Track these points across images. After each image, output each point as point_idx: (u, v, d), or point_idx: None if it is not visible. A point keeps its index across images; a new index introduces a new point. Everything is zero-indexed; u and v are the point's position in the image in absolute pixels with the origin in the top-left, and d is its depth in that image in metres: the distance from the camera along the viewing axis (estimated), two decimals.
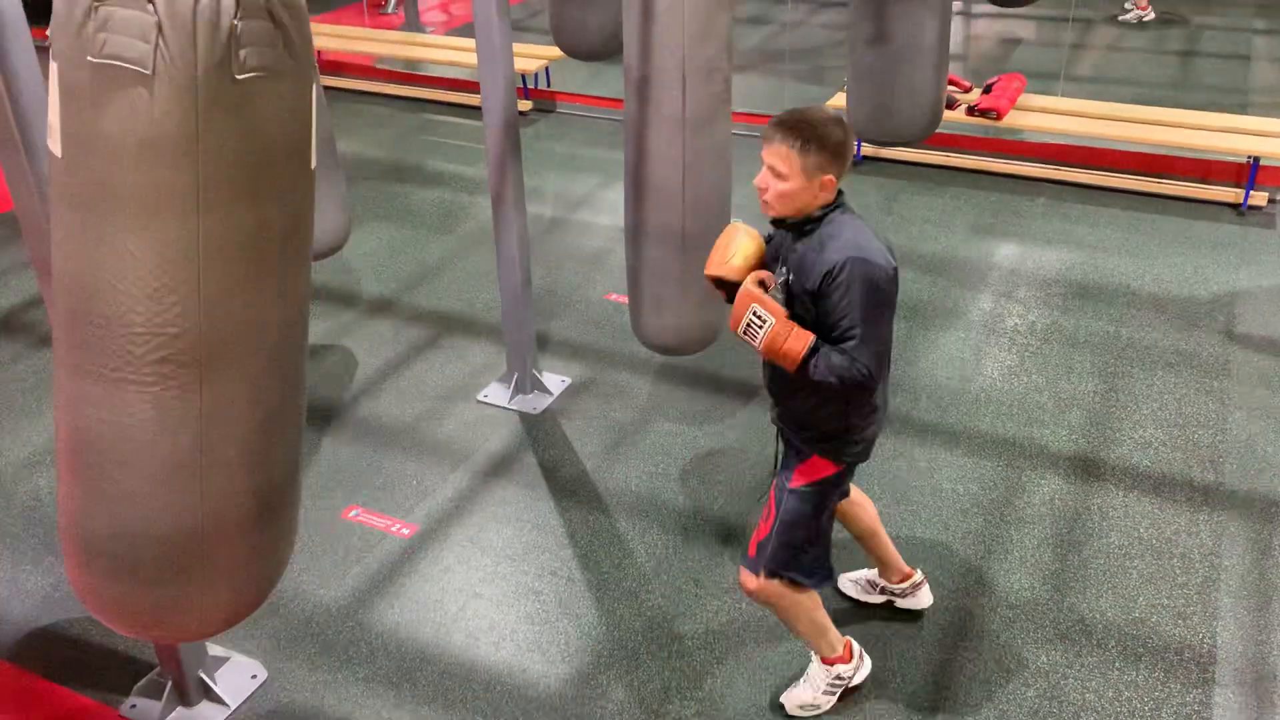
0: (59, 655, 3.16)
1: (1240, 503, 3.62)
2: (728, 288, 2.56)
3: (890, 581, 3.18)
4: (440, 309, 4.99)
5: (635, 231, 3.51)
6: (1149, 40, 8.69)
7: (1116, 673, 3.00)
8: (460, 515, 3.67)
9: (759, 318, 2.40)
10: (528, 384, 4.28)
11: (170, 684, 2.92)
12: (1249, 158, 5.67)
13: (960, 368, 4.41)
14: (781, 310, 2.42)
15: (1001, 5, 6.39)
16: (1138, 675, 2.99)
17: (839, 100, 6.22)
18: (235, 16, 1.70)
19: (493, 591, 3.35)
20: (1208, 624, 3.15)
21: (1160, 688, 2.95)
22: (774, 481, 2.72)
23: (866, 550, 3.14)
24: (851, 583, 3.27)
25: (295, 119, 1.86)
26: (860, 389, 2.40)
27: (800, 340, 2.37)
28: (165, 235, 1.79)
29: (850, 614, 3.20)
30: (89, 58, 1.68)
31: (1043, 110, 6.20)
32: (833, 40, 8.79)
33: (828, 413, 2.53)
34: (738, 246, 2.54)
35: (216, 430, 1.96)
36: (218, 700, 2.95)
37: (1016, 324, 4.71)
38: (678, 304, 3.51)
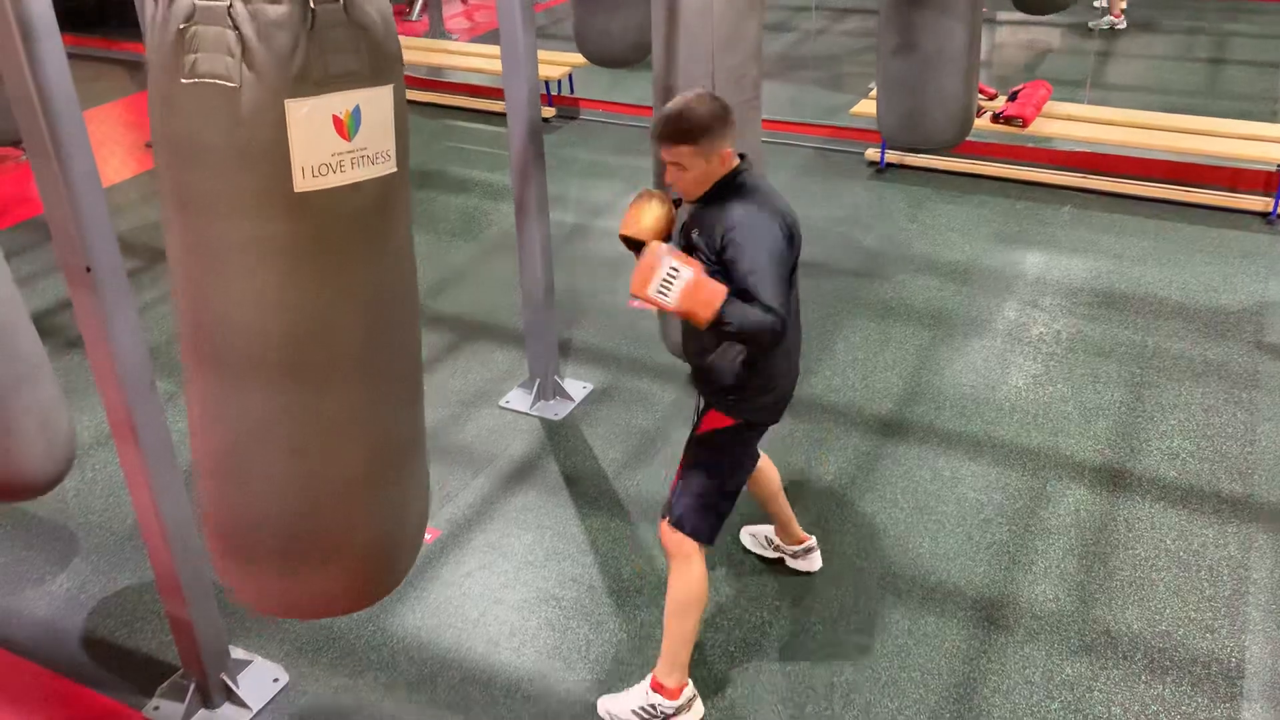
0: (83, 657, 3.18)
1: (1269, 515, 3.58)
2: (638, 248, 2.60)
3: (784, 543, 3.37)
4: (462, 315, 5.01)
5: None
6: (1176, 48, 8.63)
7: (1143, 686, 2.97)
8: (482, 521, 3.67)
9: (675, 270, 2.41)
10: (550, 390, 4.28)
11: (193, 686, 2.94)
12: (1279, 166, 5.61)
13: (985, 376, 4.38)
14: (697, 263, 2.45)
15: (1027, 12, 6.37)
16: (1164, 689, 2.96)
17: (862, 107, 6.21)
18: (308, 25, 1.73)
19: (514, 597, 3.35)
20: (1236, 637, 3.11)
21: (1187, 701, 2.91)
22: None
23: (768, 512, 3.31)
24: (751, 536, 3.47)
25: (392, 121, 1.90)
26: (772, 337, 2.43)
27: (717, 292, 2.41)
28: (262, 235, 1.85)
29: (872, 623, 3.18)
30: (182, 79, 1.75)
31: (1068, 118, 6.16)
32: (856, 47, 8.78)
33: (730, 370, 2.65)
34: (648, 209, 2.60)
35: (324, 428, 2.05)
36: (240, 703, 2.96)
37: (1042, 333, 4.68)
38: None
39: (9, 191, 6.53)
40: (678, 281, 2.40)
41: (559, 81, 7.44)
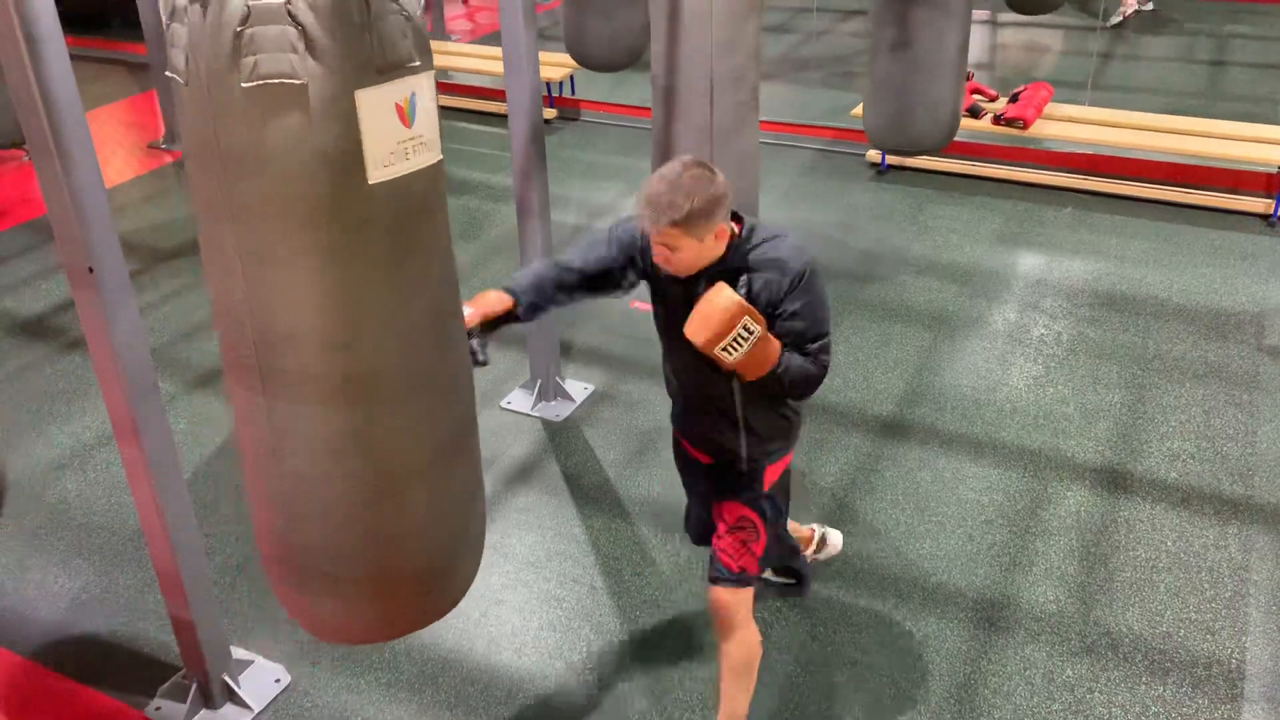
0: (85, 657, 3.18)
1: (1270, 516, 3.58)
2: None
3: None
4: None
5: None
6: (1178, 49, 8.63)
7: (1143, 687, 2.97)
8: None
9: (748, 330, 2.25)
10: (551, 391, 4.29)
11: (195, 686, 2.94)
12: (1279, 168, 5.61)
13: (986, 378, 4.38)
14: (762, 319, 2.29)
15: (1024, 13, 6.38)
16: (1165, 690, 2.96)
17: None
18: (367, 14, 1.73)
19: (515, 598, 3.36)
20: (1236, 639, 3.11)
21: (1188, 702, 2.92)
22: (721, 507, 2.67)
23: None
24: None
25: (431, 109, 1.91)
26: (812, 386, 2.42)
27: (776, 349, 2.34)
28: (335, 237, 1.82)
29: (873, 624, 3.18)
30: (242, 84, 1.71)
31: (1069, 119, 6.17)
32: (857, 49, 8.77)
33: (783, 415, 2.62)
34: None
35: (381, 448, 1.99)
36: (241, 703, 2.97)
37: (1043, 334, 4.68)
38: None
39: (11, 192, 6.54)
40: (748, 342, 2.26)
41: (560, 83, 7.45)
